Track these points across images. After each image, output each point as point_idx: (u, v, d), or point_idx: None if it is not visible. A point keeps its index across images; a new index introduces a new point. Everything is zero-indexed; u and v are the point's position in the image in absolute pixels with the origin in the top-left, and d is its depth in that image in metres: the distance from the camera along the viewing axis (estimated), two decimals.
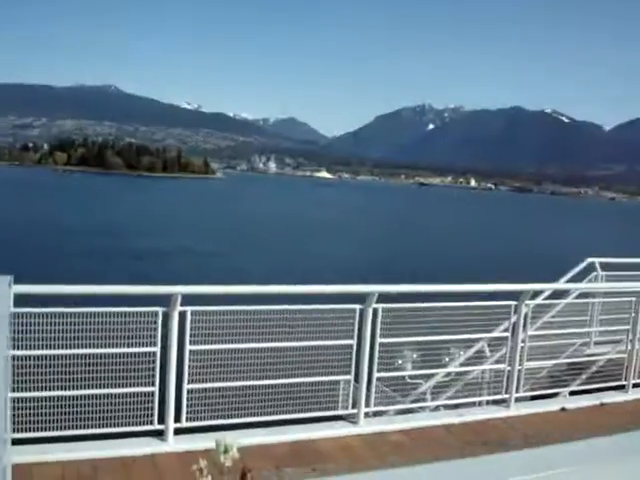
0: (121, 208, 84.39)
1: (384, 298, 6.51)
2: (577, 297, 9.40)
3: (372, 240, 63.19)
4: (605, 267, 10.85)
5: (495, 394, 7.46)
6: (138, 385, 5.55)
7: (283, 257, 45.42)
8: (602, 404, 7.92)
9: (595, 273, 10.70)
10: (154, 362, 5.59)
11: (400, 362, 6.98)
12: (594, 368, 8.44)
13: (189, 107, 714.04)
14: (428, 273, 35.15)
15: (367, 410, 6.57)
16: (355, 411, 6.48)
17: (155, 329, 5.54)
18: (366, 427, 6.48)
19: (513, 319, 7.29)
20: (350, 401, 6.44)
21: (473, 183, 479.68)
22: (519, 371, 7.41)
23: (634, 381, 8.35)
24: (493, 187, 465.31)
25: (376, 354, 6.49)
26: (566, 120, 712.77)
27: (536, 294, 8.21)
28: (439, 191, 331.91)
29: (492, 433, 6.66)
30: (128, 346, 5.45)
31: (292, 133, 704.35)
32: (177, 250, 44.42)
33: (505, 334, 7.40)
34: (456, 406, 7.37)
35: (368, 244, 58.54)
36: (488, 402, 7.51)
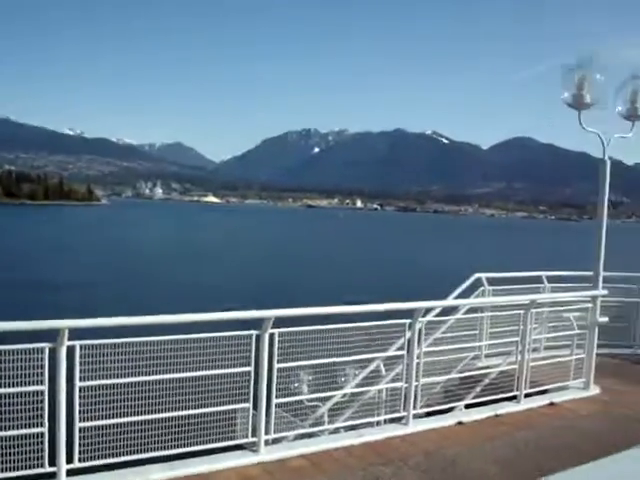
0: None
1: (280, 322, 6.43)
2: (467, 312, 9.64)
3: (261, 263, 62.95)
4: (491, 281, 11.18)
5: (393, 412, 7.50)
6: (25, 427, 5.21)
7: (171, 284, 44.56)
8: (496, 415, 8.11)
9: (482, 288, 11.02)
10: (42, 401, 5.25)
11: (297, 385, 6.90)
12: (487, 380, 8.62)
13: (71, 133, 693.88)
14: (320, 294, 35.27)
15: (267, 437, 6.45)
16: (255, 439, 6.34)
17: (42, 366, 5.23)
18: (266, 455, 6.35)
19: (407, 336, 7.37)
20: (250, 429, 6.30)
21: (359, 204, 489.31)
22: (415, 388, 7.48)
23: (525, 391, 8.61)
24: (379, 207, 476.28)
25: (274, 379, 6.39)
26: (445, 141, 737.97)
27: (428, 311, 8.36)
28: (327, 212, 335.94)
29: (392, 452, 6.67)
30: (12, 386, 5.13)
31: (179, 158, 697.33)
32: (61, 281, 42.78)
33: (400, 352, 7.47)
34: (356, 427, 7.35)
35: (257, 267, 58.24)
36: (387, 421, 7.54)
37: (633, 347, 12.23)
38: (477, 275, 11.08)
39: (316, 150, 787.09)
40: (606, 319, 9.85)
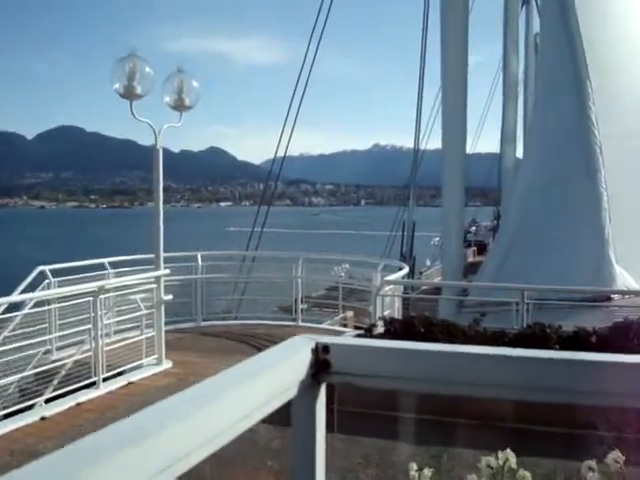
0: None
1: None
2: (36, 306, 9.43)
3: None
4: (56, 273, 11.05)
5: None
6: None
7: None
8: (78, 404, 8.19)
9: (48, 280, 10.82)
10: None
11: None
12: (63, 372, 8.61)
13: None
14: None
15: None
16: None
17: None
18: None
19: None
20: None
21: None
22: None
23: (103, 375, 8.82)
24: None
25: None
26: None
27: None
28: None
29: None
30: None
31: None
32: None
33: None
34: None
35: None
36: None
37: (196, 320, 13.22)
38: (40, 268, 10.85)
39: None
40: (170, 297, 10.54)
